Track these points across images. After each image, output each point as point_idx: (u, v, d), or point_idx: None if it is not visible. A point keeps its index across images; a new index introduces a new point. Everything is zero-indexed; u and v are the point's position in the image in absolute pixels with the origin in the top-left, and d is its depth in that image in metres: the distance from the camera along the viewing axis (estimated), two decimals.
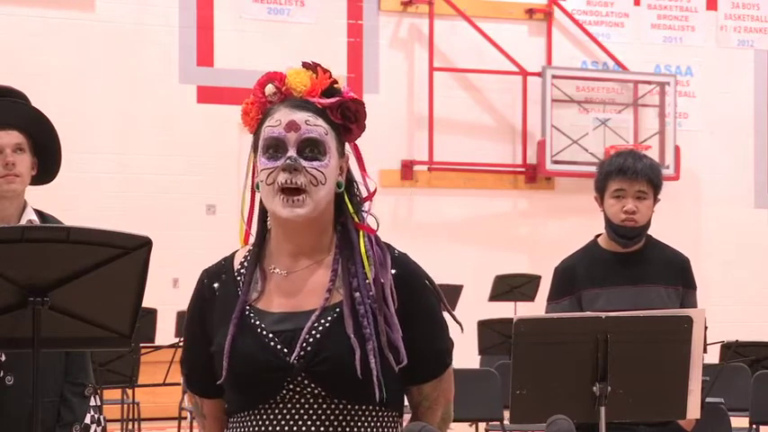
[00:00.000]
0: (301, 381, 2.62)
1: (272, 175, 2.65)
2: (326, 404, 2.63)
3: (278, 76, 2.72)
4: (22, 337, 3.11)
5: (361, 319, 2.63)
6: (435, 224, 14.30)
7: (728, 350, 8.45)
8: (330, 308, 2.66)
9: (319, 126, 2.67)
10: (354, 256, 2.68)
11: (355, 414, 2.65)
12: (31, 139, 3.95)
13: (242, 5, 13.89)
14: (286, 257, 2.72)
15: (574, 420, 3.59)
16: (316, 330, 2.64)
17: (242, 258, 2.78)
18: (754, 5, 15.88)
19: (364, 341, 2.61)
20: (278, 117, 2.67)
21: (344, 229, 2.72)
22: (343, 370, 2.61)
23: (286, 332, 2.64)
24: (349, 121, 2.71)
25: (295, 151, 2.64)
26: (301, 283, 2.70)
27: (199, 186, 13.47)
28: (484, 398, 7.56)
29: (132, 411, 9.74)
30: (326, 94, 2.70)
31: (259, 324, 2.66)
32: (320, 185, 2.64)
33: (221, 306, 2.72)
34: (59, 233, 3.16)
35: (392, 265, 2.70)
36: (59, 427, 3.90)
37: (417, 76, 14.50)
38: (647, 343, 3.90)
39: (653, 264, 4.80)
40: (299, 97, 2.70)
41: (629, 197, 4.72)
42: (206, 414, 2.81)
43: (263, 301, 2.70)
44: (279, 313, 2.68)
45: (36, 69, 12.70)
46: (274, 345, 2.63)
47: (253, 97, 2.73)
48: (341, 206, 2.73)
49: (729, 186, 15.48)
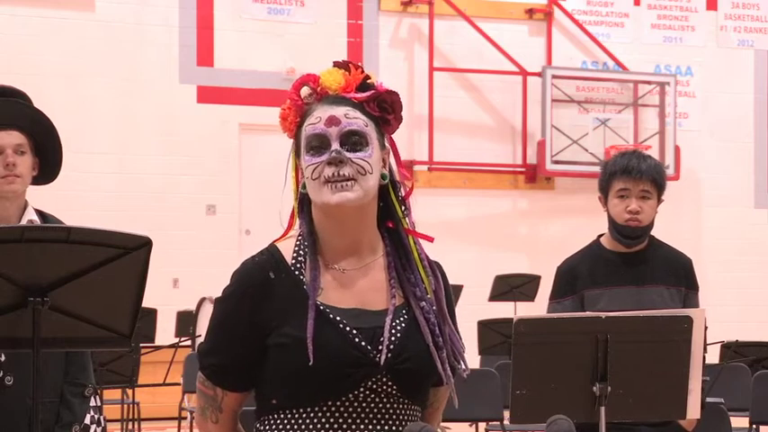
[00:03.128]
0: (380, 378, 2.64)
1: (317, 169, 2.65)
2: (396, 404, 2.66)
3: (312, 77, 2.74)
4: (22, 337, 3.11)
5: (433, 327, 2.69)
6: (435, 224, 14.27)
7: (728, 350, 8.46)
8: (398, 308, 2.69)
9: (359, 118, 2.68)
10: (410, 264, 2.73)
11: (411, 413, 2.70)
12: (32, 139, 3.95)
13: (242, 5, 13.89)
14: (340, 254, 2.71)
15: (574, 420, 3.59)
16: (395, 330, 2.66)
17: (293, 252, 2.72)
18: (754, 5, 15.88)
19: (439, 349, 2.68)
20: (317, 114, 2.68)
21: (395, 234, 2.75)
22: (423, 371, 2.67)
23: (366, 329, 2.64)
24: (386, 113, 2.72)
25: (338, 144, 2.65)
26: (361, 280, 2.70)
27: (199, 186, 13.47)
28: (484, 398, 7.56)
29: (132, 411, 9.74)
30: (361, 89, 2.73)
31: (339, 320, 2.64)
32: (368, 174, 2.66)
33: (283, 298, 2.67)
34: (59, 233, 3.16)
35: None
36: (59, 428, 3.89)
37: (417, 77, 14.50)
38: (647, 343, 3.90)
39: (655, 264, 4.80)
40: (335, 95, 2.71)
41: (633, 197, 4.72)
42: (224, 408, 2.76)
43: (328, 296, 2.68)
44: (352, 309, 2.67)
45: (36, 69, 12.71)
46: (359, 341, 2.63)
47: (289, 102, 2.73)
48: (386, 205, 2.75)
49: (729, 186, 15.49)
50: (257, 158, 13.36)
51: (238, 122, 13.69)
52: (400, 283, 2.72)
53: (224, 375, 2.74)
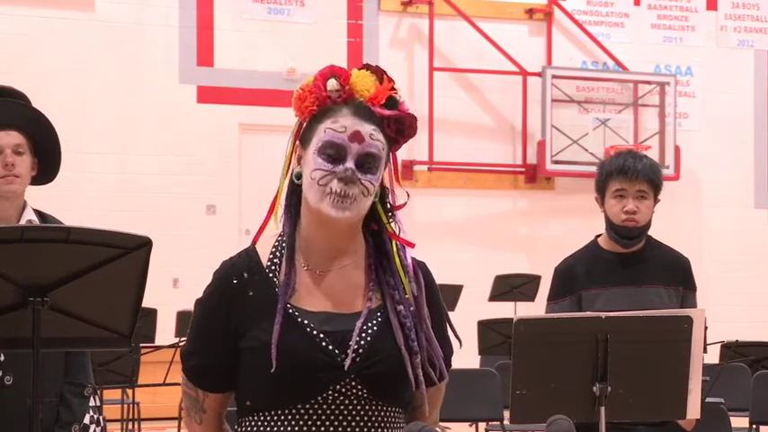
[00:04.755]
0: (349, 382, 2.62)
1: (326, 177, 2.61)
2: (367, 406, 2.64)
3: (342, 72, 2.66)
4: (22, 337, 3.11)
5: (408, 332, 2.65)
6: (435, 224, 14.29)
7: (728, 350, 8.46)
8: (373, 311, 2.67)
9: (380, 141, 2.65)
10: (391, 268, 2.69)
11: (387, 415, 2.67)
12: (31, 139, 3.95)
13: (242, 5, 13.88)
14: (319, 255, 2.69)
15: (574, 420, 3.58)
16: (366, 333, 2.64)
17: (269, 254, 2.71)
18: (754, 5, 15.88)
19: (412, 353, 2.64)
20: (343, 123, 2.62)
21: (378, 238, 2.72)
22: (392, 374, 2.63)
23: (335, 333, 2.63)
24: (401, 135, 2.70)
25: (353, 163, 2.61)
26: (337, 283, 2.68)
27: (199, 186, 13.47)
28: (484, 398, 7.56)
29: (132, 411, 9.74)
30: (386, 105, 2.67)
31: (307, 323, 2.63)
32: (369, 196, 2.64)
33: (255, 301, 2.66)
34: (59, 233, 3.16)
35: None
36: (58, 428, 3.89)
37: (417, 76, 14.50)
38: (647, 343, 3.90)
39: (653, 264, 4.80)
40: (362, 102, 2.65)
41: (629, 197, 4.72)
42: (206, 409, 2.77)
43: (300, 298, 2.66)
44: (322, 313, 2.66)
45: (36, 69, 12.71)
46: (326, 345, 2.62)
47: (312, 86, 2.66)
48: (372, 212, 2.71)
49: (729, 186, 15.49)
50: (257, 158, 13.36)
51: (238, 122, 13.69)
52: (380, 285, 2.69)
53: (204, 376, 2.74)
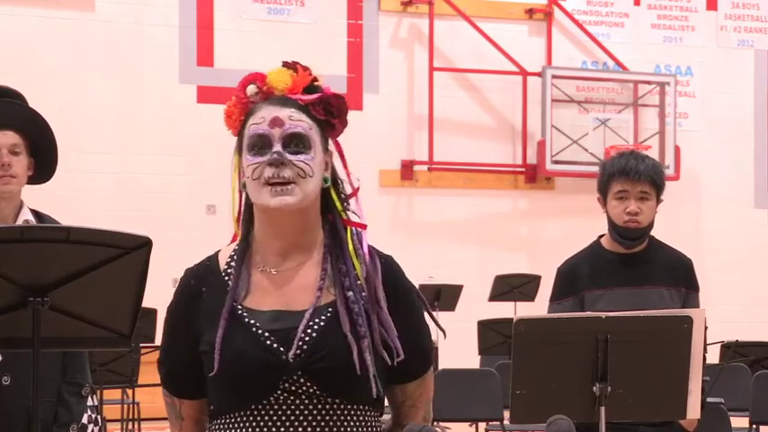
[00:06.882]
0: (297, 379, 2.61)
1: (257, 170, 2.64)
2: (321, 404, 2.63)
3: (259, 76, 2.72)
4: (21, 337, 3.11)
5: (356, 317, 2.63)
6: (435, 224, 14.30)
7: (728, 350, 8.47)
8: (323, 307, 2.66)
9: (303, 121, 2.67)
10: (344, 254, 2.69)
11: (348, 413, 2.65)
12: (28, 139, 3.94)
13: (242, 5, 13.89)
14: (274, 255, 2.70)
15: (574, 420, 3.58)
16: (311, 329, 2.63)
17: (227, 258, 2.75)
18: (754, 5, 15.88)
19: (359, 339, 2.62)
20: (261, 114, 2.68)
21: (333, 227, 2.73)
22: (341, 367, 2.61)
23: (281, 331, 2.63)
24: (332, 117, 2.71)
25: (280, 146, 2.64)
26: (291, 281, 2.69)
27: (199, 186, 13.47)
28: (484, 398, 7.56)
29: (132, 411, 9.75)
30: (308, 92, 2.71)
31: (253, 323, 2.64)
32: (308, 177, 2.65)
33: (209, 305, 2.69)
34: (59, 233, 3.15)
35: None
36: (56, 428, 3.88)
37: (417, 77, 14.50)
38: (647, 343, 3.90)
39: (656, 265, 4.79)
40: (281, 95, 2.70)
41: (631, 198, 4.71)
42: (184, 416, 2.80)
43: (253, 299, 2.68)
44: (271, 312, 2.66)
45: (36, 69, 12.71)
46: (270, 343, 2.62)
47: (235, 99, 2.73)
48: (328, 204, 2.73)
49: (729, 186, 15.49)
50: None
51: None
52: (333, 275, 2.69)
53: (175, 383, 2.79)
